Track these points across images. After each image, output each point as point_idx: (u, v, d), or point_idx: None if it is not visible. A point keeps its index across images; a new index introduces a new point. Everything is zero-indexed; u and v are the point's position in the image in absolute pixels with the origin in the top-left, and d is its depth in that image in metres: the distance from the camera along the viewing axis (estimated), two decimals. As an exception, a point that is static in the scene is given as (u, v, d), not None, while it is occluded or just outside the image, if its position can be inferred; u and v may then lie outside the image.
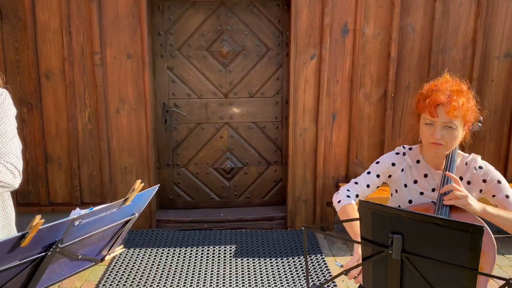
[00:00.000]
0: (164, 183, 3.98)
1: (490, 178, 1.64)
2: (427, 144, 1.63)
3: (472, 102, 1.62)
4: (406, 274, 1.02)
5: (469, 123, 1.63)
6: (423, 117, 1.62)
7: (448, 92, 1.57)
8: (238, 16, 3.75)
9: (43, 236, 0.86)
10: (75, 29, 3.49)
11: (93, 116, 3.63)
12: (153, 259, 3.29)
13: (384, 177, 1.76)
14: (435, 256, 0.95)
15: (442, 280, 0.97)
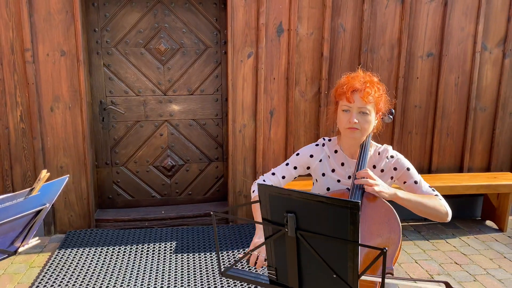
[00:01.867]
0: (103, 182, 3.93)
1: (400, 166, 1.81)
2: (344, 130, 1.78)
3: (383, 93, 1.78)
4: (302, 250, 1.12)
5: (381, 111, 1.79)
6: (341, 105, 1.77)
7: (363, 81, 1.73)
8: (175, 13, 3.77)
9: None
10: (4, 25, 3.36)
11: (25, 115, 3.52)
12: (91, 259, 3.24)
13: (302, 169, 1.89)
14: (324, 232, 1.06)
15: (331, 253, 1.08)
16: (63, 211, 3.69)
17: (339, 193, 1.79)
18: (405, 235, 3.79)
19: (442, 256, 3.42)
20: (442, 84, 3.98)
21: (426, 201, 1.69)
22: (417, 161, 4.10)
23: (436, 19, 3.89)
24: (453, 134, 4.11)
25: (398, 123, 3.99)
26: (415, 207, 1.68)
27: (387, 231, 1.59)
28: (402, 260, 3.34)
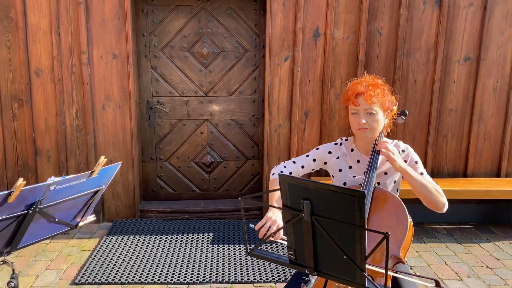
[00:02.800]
0: (147, 176, 4.23)
1: (410, 159, 1.95)
2: (356, 131, 1.92)
3: (387, 93, 1.91)
4: (317, 233, 1.28)
5: (388, 110, 1.92)
6: (350, 109, 1.91)
7: (365, 84, 1.87)
8: (217, 19, 4.01)
9: (25, 196, 1.11)
10: (64, 30, 3.72)
11: (80, 112, 3.87)
12: (135, 245, 3.53)
13: (320, 163, 2.05)
14: (335, 217, 1.22)
15: (342, 237, 1.24)
16: (111, 201, 4.01)
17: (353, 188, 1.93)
18: (437, 237, 3.82)
19: (474, 259, 3.44)
20: (480, 89, 3.97)
21: (429, 186, 1.82)
22: (452, 164, 4.11)
23: (474, 23, 3.89)
24: (491, 139, 4.08)
25: (433, 126, 4.02)
26: (418, 187, 1.80)
27: (396, 222, 1.72)
28: (431, 261, 3.39)
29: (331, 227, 1.24)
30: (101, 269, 3.14)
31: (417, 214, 4.06)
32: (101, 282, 2.97)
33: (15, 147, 3.89)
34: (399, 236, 1.74)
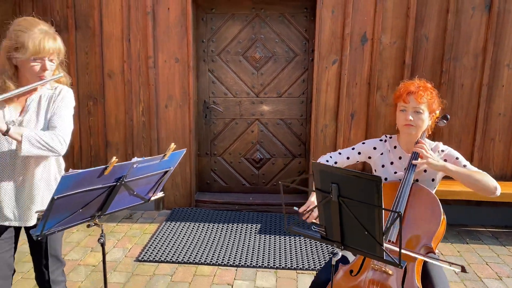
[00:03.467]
0: (203, 169, 4.62)
1: (449, 157, 2.10)
2: (402, 127, 2.11)
3: (435, 96, 2.09)
4: (343, 212, 1.52)
5: (433, 112, 2.10)
6: (399, 106, 2.10)
7: (417, 85, 2.07)
8: (270, 26, 4.31)
9: (116, 171, 1.45)
10: (133, 37, 4.19)
11: (145, 110, 4.32)
12: (190, 231, 3.91)
13: (364, 156, 2.25)
14: (358, 199, 1.46)
15: (364, 215, 1.47)
16: (170, 191, 4.44)
17: (393, 183, 2.12)
18: (480, 239, 3.86)
19: (516, 262, 3.47)
20: (530, 93, 3.96)
21: (475, 174, 1.95)
22: (500, 167, 4.12)
23: (525, 27, 3.89)
24: (541, 143, 4.05)
25: (480, 129, 4.06)
26: (463, 179, 1.94)
27: (430, 215, 1.91)
28: (472, 261, 3.47)
29: (355, 207, 1.48)
30: (161, 250, 3.53)
31: (461, 215, 4.15)
32: (160, 261, 3.36)
33: (89, 140, 4.42)
34: (432, 228, 1.92)
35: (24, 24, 1.81)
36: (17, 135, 1.69)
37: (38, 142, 1.72)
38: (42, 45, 1.76)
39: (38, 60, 1.78)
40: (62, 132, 1.83)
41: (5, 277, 1.95)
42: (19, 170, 1.83)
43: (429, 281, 1.91)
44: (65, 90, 1.95)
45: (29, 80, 1.82)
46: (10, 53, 1.77)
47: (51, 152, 1.77)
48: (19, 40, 1.76)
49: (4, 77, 1.79)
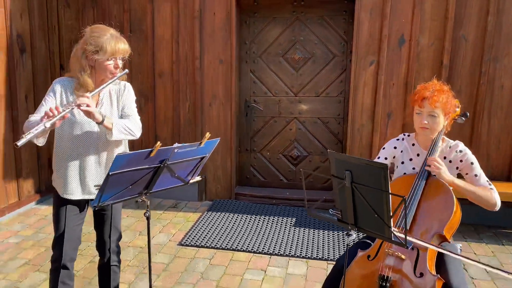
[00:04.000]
0: (243, 164, 4.88)
1: (466, 159, 2.20)
2: (418, 129, 2.24)
3: (451, 99, 2.19)
4: (356, 196, 1.70)
5: (449, 114, 2.21)
6: (415, 109, 2.24)
7: (431, 90, 2.18)
8: (310, 28, 4.49)
9: (160, 154, 1.72)
10: (182, 40, 4.53)
11: (191, 108, 4.64)
12: (230, 220, 4.18)
13: (390, 158, 2.39)
14: (368, 184, 1.63)
15: (374, 200, 1.64)
16: (212, 183, 4.74)
17: (411, 176, 2.26)
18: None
19: (553, 265, 3.42)
20: None
21: (478, 191, 2.07)
22: (541, 170, 4.05)
23: None
24: None
25: (520, 131, 4.02)
26: (467, 194, 2.08)
27: (443, 206, 2.04)
28: (506, 262, 3.47)
29: (366, 192, 1.65)
30: (201, 236, 3.82)
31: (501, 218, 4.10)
32: (200, 246, 3.65)
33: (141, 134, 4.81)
34: (445, 218, 2.04)
35: (98, 31, 2.14)
36: (109, 124, 2.05)
37: (123, 128, 2.10)
38: (116, 47, 2.10)
39: (112, 60, 2.11)
40: (136, 119, 2.24)
41: (75, 248, 2.30)
42: (101, 150, 2.19)
43: (444, 270, 2.03)
44: (128, 85, 2.32)
45: (101, 77, 2.16)
46: (90, 55, 2.11)
47: (131, 136, 2.16)
48: (98, 44, 2.09)
49: (85, 76, 2.14)
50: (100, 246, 2.43)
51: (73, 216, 2.24)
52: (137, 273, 3.22)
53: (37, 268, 3.25)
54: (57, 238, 2.26)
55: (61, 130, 2.16)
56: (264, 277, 3.20)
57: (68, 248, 2.25)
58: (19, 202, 4.32)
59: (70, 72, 2.20)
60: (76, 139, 2.15)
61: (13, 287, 2.98)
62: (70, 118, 2.12)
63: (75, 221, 2.26)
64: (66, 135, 2.16)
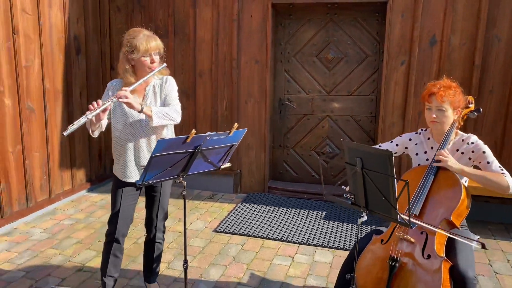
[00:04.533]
0: (276, 160, 5.11)
1: (477, 149, 2.34)
2: (429, 123, 2.40)
3: (459, 95, 2.33)
4: (366, 181, 1.88)
5: (458, 108, 2.35)
6: (426, 105, 2.40)
7: (439, 86, 2.34)
8: (343, 29, 4.66)
9: (194, 140, 1.99)
10: (221, 41, 4.82)
11: (228, 105, 4.93)
12: (262, 211, 4.42)
13: (402, 147, 2.56)
14: (377, 170, 1.82)
15: (382, 183, 1.83)
16: (246, 177, 5.00)
17: (423, 166, 2.41)
18: None
19: None
20: None
21: (488, 176, 2.20)
22: None
23: None
24: None
25: (555, 131, 3.99)
26: (478, 180, 2.21)
27: (451, 194, 2.19)
28: None
29: (375, 177, 1.84)
30: (235, 224, 4.10)
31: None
32: (233, 233, 3.92)
33: (182, 130, 5.16)
34: (453, 205, 2.20)
35: (132, 33, 2.47)
36: (148, 111, 2.36)
37: (162, 114, 2.39)
38: (148, 45, 2.41)
39: (147, 56, 2.42)
40: (176, 106, 2.53)
41: (127, 225, 2.63)
42: (148, 137, 2.51)
43: (453, 254, 2.18)
44: (169, 78, 2.63)
45: (142, 73, 2.47)
46: (128, 56, 2.43)
47: (171, 121, 2.46)
48: (132, 44, 2.41)
49: (127, 74, 2.47)
50: (148, 224, 2.76)
51: (128, 196, 2.58)
52: (175, 254, 3.53)
53: (88, 246, 3.64)
54: (112, 215, 2.60)
55: (115, 121, 2.51)
56: (291, 263, 3.42)
57: (121, 224, 2.59)
58: (72, 189, 4.77)
59: (119, 75, 2.55)
60: (128, 128, 2.48)
61: (68, 261, 3.38)
62: (122, 110, 2.46)
63: (130, 201, 2.59)
64: (119, 125, 2.50)
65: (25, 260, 3.36)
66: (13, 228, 3.96)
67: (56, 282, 3.05)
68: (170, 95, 2.57)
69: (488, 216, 4.24)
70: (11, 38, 3.81)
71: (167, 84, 2.58)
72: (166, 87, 2.57)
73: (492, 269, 3.35)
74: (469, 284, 2.09)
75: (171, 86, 2.60)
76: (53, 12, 4.26)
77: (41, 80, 4.18)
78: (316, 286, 3.08)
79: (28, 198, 4.15)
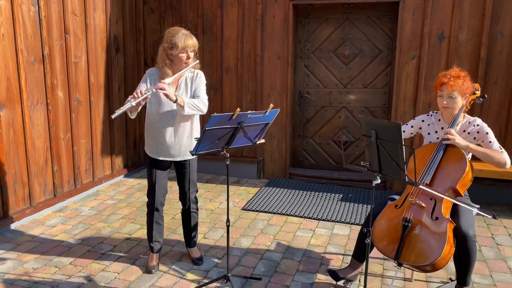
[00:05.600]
0: (296, 148, 5.54)
1: (481, 131, 2.73)
2: (440, 108, 2.80)
3: (467, 83, 2.72)
4: (380, 150, 2.30)
5: (466, 95, 2.74)
6: (438, 92, 2.80)
7: (449, 76, 2.73)
8: (358, 27, 5.06)
9: (238, 117, 2.43)
10: (246, 39, 5.27)
11: (252, 98, 5.38)
12: (284, 194, 4.86)
13: (416, 128, 2.96)
14: (389, 139, 2.23)
15: (393, 150, 2.24)
16: (269, 164, 5.44)
17: (434, 143, 2.81)
18: (548, 220, 4.18)
19: None
20: None
21: (489, 152, 2.60)
22: None
23: None
24: None
25: (555, 119, 4.34)
26: (481, 155, 2.61)
27: (458, 166, 2.60)
28: None
29: (387, 146, 2.26)
30: (260, 204, 4.54)
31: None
32: (259, 210, 4.36)
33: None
34: (458, 175, 2.60)
35: (172, 32, 2.89)
36: (181, 102, 2.77)
37: (193, 105, 2.81)
38: (186, 43, 2.82)
39: (184, 52, 2.84)
40: (204, 99, 2.92)
41: (163, 195, 3.09)
42: (177, 123, 2.94)
43: (456, 217, 2.58)
44: (200, 72, 3.03)
45: (178, 67, 2.88)
46: (167, 51, 2.85)
47: (199, 111, 2.86)
48: (172, 42, 2.83)
49: (166, 67, 2.90)
50: (182, 197, 3.20)
51: (160, 171, 3.02)
52: (209, 227, 3.99)
53: (132, 220, 4.13)
54: (150, 188, 3.06)
55: (149, 108, 2.92)
56: (312, 235, 3.84)
57: (159, 194, 3.05)
58: (112, 174, 5.27)
59: (157, 64, 2.95)
60: (161, 114, 2.88)
61: (116, 232, 3.86)
62: (157, 99, 2.85)
63: (162, 175, 3.04)
64: (154, 111, 2.91)
65: (79, 231, 3.86)
66: (64, 206, 4.47)
67: (109, 249, 3.53)
68: (199, 88, 2.95)
69: (494, 198, 4.60)
70: (64, 37, 4.31)
71: (198, 78, 2.97)
72: (196, 80, 2.96)
73: (494, 241, 3.72)
74: (469, 241, 2.50)
75: (200, 80, 2.98)
76: (97, 14, 4.76)
77: (87, 75, 4.68)
78: (336, 252, 3.51)
79: (76, 180, 4.65)
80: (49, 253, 3.44)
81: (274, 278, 3.08)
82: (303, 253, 3.49)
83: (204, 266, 3.25)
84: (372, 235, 2.67)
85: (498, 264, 3.31)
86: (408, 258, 2.50)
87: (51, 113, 4.22)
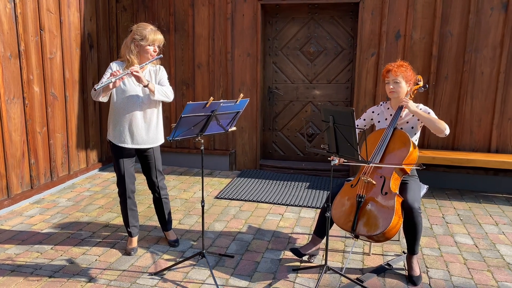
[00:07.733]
0: (266, 141, 5.83)
1: (425, 109, 3.07)
2: (388, 94, 3.14)
3: (410, 71, 3.07)
4: (337, 133, 2.61)
5: (410, 82, 3.09)
6: (385, 80, 3.14)
7: (394, 65, 3.08)
8: (322, 26, 5.40)
9: (212, 105, 2.68)
10: (217, 37, 5.52)
11: (224, 93, 5.63)
12: (254, 184, 5.13)
13: (368, 119, 3.30)
14: (344, 124, 2.54)
15: (347, 133, 2.56)
16: (241, 156, 5.71)
17: (383, 128, 3.15)
18: (493, 201, 4.63)
19: (517, 216, 4.22)
20: (543, 79, 4.63)
21: (434, 118, 2.93)
22: (515, 143, 4.83)
23: (539, 23, 4.58)
24: (554, 123, 4.69)
25: (498, 110, 4.81)
26: (425, 121, 2.94)
27: (404, 147, 2.93)
28: (478, 213, 4.28)
29: (343, 129, 2.58)
30: (232, 193, 4.80)
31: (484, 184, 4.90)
32: (231, 199, 4.63)
33: (182, 116, 5.83)
34: (403, 155, 2.94)
35: (142, 26, 3.08)
36: (152, 87, 2.98)
37: (162, 92, 3.05)
38: (155, 37, 3.04)
39: (151, 45, 3.05)
40: (170, 88, 3.15)
41: (133, 183, 3.28)
42: (144, 109, 3.11)
43: (404, 193, 2.93)
44: (162, 67, 3.24)
45: (143, 58, 3.06)
46: (137, 42, 3.03)
47: (167, 98, 3.08)
48: (143, 34, 3.02)
49: (132, 56, 3.08)
50: (151, 186, 3.38)
51: (128, 160, 3.20)
52: (184, 214, 4.22)
53: (109, 210, 4.30)
54: (119, 178, 3.23)
55: (115, 96, 3.06)
56: (281, 218, 4.14)
57: (129, 183, 3.24)
58: (87, 168, 5.41)
59: (121, 57, 3.11)
60: (126, 102, 3.04)
61: (94, 220, 4.03)
62: (121, 87, 3.01)
63: (130, 163, 3.23)
64: (119, 99, 3.06)
65: (57, 220, 4.01)
66: (41, 198, 4.60)
67: (88, 235, 3.71)
68: (163, 79, 3.17)
69: (446, 183, 5.04)
70: (39, 33, 4.44)
71: (161, 71, 3.21)
72: (160, 73, 3.19)
73: (444, 220, 4.12)
74: (415, 212, 2.85)
75: (163, 73, 3.21)
76: (71, 11, 4.90)
77: (62, 70, 4.81)
78: (302, 232, 3.81)
79: (52, 173, 4.78)
80: (29, 240, 3.58)
81: (245, 256, 3.35)
82: (272, 234, 3.77)
83: (180, 248, 3.48)
84: (331, 212, 2.98)
85: (446, 239, 3.70)
86: (362, 229, 2.82)
87: (28, 107, 4.34)
